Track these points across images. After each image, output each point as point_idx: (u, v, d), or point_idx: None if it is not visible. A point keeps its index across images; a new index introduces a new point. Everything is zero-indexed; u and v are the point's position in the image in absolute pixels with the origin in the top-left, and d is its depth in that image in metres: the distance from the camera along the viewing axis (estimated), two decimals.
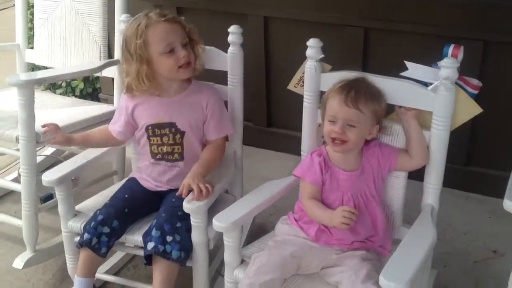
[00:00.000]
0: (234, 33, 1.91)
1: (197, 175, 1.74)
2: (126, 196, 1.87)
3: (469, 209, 2.54)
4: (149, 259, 1.72)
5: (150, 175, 1.91)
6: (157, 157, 1.89)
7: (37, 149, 2.10)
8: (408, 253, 1.42)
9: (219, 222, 1.57)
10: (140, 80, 1.80)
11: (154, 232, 1.70)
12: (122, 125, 1.91)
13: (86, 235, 1.74)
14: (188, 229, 1.74)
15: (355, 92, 1.57)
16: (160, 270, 1.71)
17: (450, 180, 1.78)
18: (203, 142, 1.90)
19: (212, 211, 1.71)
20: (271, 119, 3.10)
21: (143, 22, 1.77)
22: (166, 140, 1.86)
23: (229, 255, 1.62)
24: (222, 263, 1.70)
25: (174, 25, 1.80)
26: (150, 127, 1.87)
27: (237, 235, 1.60)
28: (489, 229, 2.39)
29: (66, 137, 1.89)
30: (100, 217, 1.76)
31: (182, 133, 1.85)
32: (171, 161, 1.88)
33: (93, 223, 1.75)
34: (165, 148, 1.87)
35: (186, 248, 1.71)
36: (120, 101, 1.96)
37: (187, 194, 1.70)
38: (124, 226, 1.79)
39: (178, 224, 1.72)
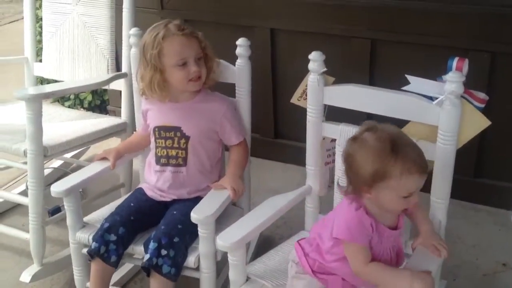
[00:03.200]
0: (242, 45, 1.92)
1: (234, 176, 1.85)
2: (132, 204, 1.89)
3: (478, 221, 2.52)
4: (148, 271, 1.72)
5: (155, 184, 1.92)
6: (162, 161, 1.90)
7: (45, 162, 2.11)
8: None
9: (223, 242, 1.53)
10: (152, 88, 1.86)
11: (151, 244, 1.71)
12: (144, 127, 2.02)
13: (94, 244, 1.76)
14: (186, 245, 1.75)
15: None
16: (154, 284, 1.72)
17: (459, 192, 1.77)
18: (210, 153, 1.91)
19: (220, 222, 1.72)
20: (278, 130, 3.10)
21: (161, 33, 1.81)
22: (170, 143, 1.89)
23: (234, 274, 1.60)
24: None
25: (191, 39, 1.84)
26: (156, 129, 1.92)
27: (242, 254, 1.58)
28: (499, 241, 2.36)
29: (116, 157, 1.98)
30: (106, 225, 1.78)
31: (187, 138, 1.87)
32: (175, 165, 1.89)
33: (100, 232, 1.77)
34: (170, 152, 1.89)
35: (178, 265, 1.71)
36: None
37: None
38: (131, 234, 1.80)
39: (176, 239, 1.71)
